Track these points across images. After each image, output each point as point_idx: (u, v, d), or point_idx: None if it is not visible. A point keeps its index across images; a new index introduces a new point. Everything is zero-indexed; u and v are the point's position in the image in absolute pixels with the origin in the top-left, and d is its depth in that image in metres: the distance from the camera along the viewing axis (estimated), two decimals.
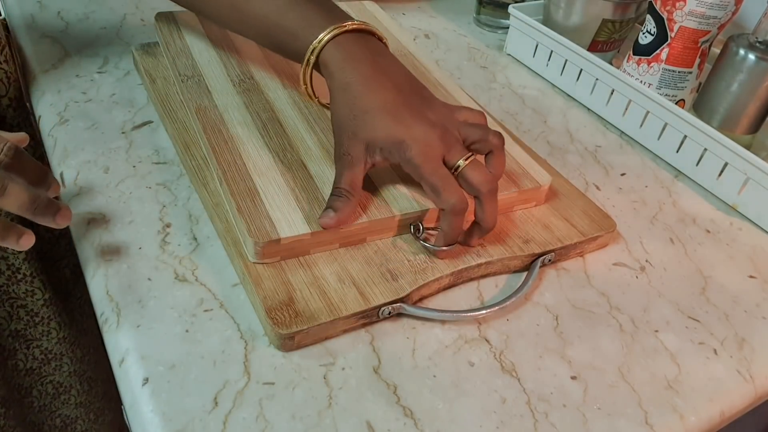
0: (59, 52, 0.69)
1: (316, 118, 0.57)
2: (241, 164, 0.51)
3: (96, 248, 0.49)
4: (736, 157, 0.60)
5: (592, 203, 0.57)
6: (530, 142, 0.67)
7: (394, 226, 0.50)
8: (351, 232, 0.48)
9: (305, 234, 0.46)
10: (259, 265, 0.46)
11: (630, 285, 0.53)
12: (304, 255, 0.47)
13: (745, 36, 0.64)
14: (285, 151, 0.53)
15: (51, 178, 0.45)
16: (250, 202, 0.48)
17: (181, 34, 0.65)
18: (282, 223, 0.46)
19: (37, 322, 0.67)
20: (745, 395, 0.46)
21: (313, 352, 0.44)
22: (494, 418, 0.42)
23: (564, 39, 0.74)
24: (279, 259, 0.47)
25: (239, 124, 0.55)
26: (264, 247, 0.45)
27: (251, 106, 0.57)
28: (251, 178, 0.50)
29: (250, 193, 0.48)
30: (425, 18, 0.88)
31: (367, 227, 0.48)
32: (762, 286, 0.54)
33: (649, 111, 0.67)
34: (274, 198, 0.48)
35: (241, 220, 0.46)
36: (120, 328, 0.44)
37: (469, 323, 0.47)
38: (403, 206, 0.49)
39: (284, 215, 0.47)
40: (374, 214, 0.48)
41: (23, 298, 0.64)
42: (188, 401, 0.40)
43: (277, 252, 0.46)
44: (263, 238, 0.45)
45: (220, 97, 0.58)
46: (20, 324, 0.66)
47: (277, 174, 0.51)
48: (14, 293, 0.63)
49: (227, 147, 0.52)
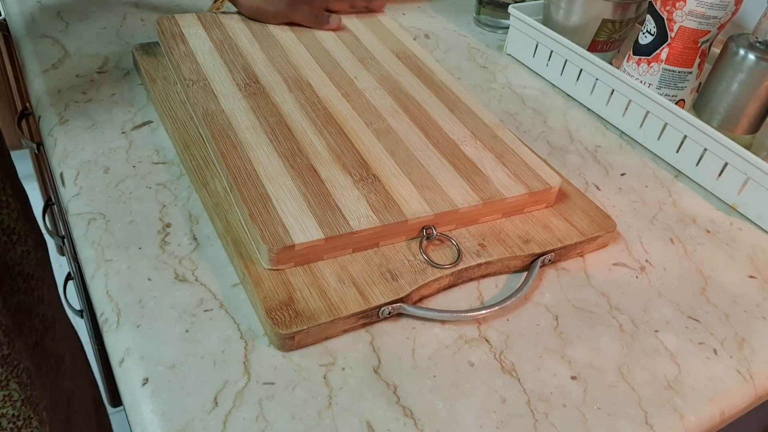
0: (59, 52, 0.69)
1: (324, 122, 0.57)
2: (252, 169, 0.51)
3: (96, 248, 0.49)
4: (736, 157, 0.60)
5: (592, 203, 0.57)
6: (530, 142, 0.67)
7: (406, 230, 0.49)
8: (364, 237, 0.48)
9: (319, 240, 0.46)
10: (259, 265, 0.46)
11: (630, 285, 0.53)
12: (317, 261, 0.47)
13: (745, 36, 0.64)
14: (294, 155, 0.53)
15: None
16: (262, 207, 0.47)
17: (184, 38, 0.65)
18: (295, 229, 0.46)
19: (34, 287, 0.65)
20: (745, 395, 0.46)
21: (313, 352, 0.44)
22: (494, 418, 0.42)
23: (564, 39, 0.74)
24: (292, 265, 0.46)
25: (247, 128, 0.55)
26: (278, 254, 0.45)
27: (258, 110, 0.57)
28: (262, 184, 0.50)
29: (262, 198, 0.48)
30: (425, 18, 0.89)
31: (381, 231, 0.48)
32: (762, 286, 0.54)
33: (649, 111, 0.67)
34: (286, 203, 0.48)
35: (254, 226, 0.46)
36: (120, 328, 0.44)
37: (469, 323, 0.47)
38: (416, 210, 0.49)
39: (297, 221, 0.47)
40: (387, 219, 0.48)
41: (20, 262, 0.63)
42: (188, 401, 0.40)
43: (291, 258, 0.46)
44: (277, 244, 0.45)
45: (227, 101, 0.58)
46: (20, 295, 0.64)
47: (288, 179, 0.50)
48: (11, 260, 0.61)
49: (236, 152, 0.52)
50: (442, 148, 0.56)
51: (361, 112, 0.59)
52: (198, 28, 0.67)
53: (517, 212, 0.54)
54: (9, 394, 0.54)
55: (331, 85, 0.62)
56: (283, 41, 0.68)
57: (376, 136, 0.56)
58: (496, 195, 0.52)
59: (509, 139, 0.58)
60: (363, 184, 0.51)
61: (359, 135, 0.56)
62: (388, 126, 0.58)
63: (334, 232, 0.46)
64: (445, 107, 0.62)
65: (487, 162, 0.55)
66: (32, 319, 0.65)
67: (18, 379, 0.55)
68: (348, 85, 0.63)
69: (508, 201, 0.52)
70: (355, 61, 0.67)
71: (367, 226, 0.47)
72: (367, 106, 0.60)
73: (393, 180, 0.52)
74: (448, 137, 0.58)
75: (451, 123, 0.59)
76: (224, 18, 0.70)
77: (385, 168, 0.53)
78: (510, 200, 0.52)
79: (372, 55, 0.68)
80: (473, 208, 0.51)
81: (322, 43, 0.69)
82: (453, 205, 0.50)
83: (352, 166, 0.53)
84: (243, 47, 0.66)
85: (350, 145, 0.55)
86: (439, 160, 0.55)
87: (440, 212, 0.50)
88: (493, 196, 0.52)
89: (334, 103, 0.60)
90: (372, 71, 0.66)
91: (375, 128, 0.57)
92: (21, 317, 0.63)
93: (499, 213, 0.53)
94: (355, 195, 0.50)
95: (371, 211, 0.49)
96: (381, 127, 0.58)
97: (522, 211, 0.54)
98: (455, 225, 0.52)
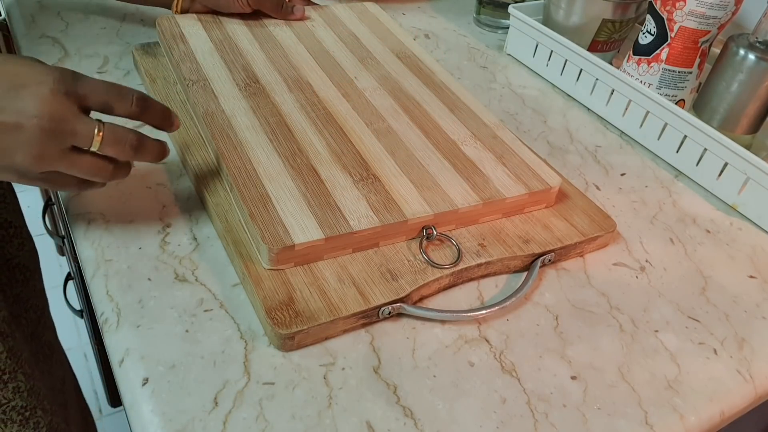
0: (59, 52, 0.69)
1: (324, 122, 0.57)
2: (252, 169, 0.51)
3: (96, 248, 0.49)
4: (736, 157, 0.60)
5: (592, 203, 0.57)
6: (530, 142, 0.67)
7: (406, 230, 0.49)
8: (364, 237, 0.48)
9: (319, 240, 0.46)
10: (259, 265, 0.46)
11: (630, 285, 0.53)
12: (317, 261, 0.47)
13: (745, 36, 0.64)
14: (295, 155, 0.53)
15: (173, 117, 0.47)
16: (262, 207, 0.47)
17: (184, 38, 0.65)
18: (295, 229, 0.46)
19: (29, 278, 0.65)
20: (745, 395, 0.46)
21: (313, 352, 0.44)
22: (494, 418, 0.42)
23: (564, 39, 0.74)
24: (292, 265, 0.46)
25: (247, 128, 0.55)
26: (278, 254, 0.45)
27: (258, 110, 0.57)
28: (262, 184, 0.49)
29: (262, 198, 0.48)
30: (425, 18, 0.89)
31: (381, 232, 0.48)
32: (762, 286, 0.54)
33: (649, 111, 0.67)
34: (286, 204, 0.48)
35: (254, 226, 0.46)
36: (120, 328, 0.44)
37: (469, 323, 0.47)
38: (416, 210, 0.49)
39: (297, 221, 0.47)
40: (387, 219, 0.48)
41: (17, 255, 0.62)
42: (188, 401, 0.40)
43: (291, 258, 0.46)
44: (277, 244, 0.45)
45: (227, 101, 0.58)
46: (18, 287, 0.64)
47: (288, 179, 0.50)
48: (9, 252, 0.61)
49: (236, 152, 0.52)
50: (442, 148, 0.56)
51: (361, 112, 0.59)
52: (198, 28, 0.67)
53: (517, 212, 0.54)
54: (17, 386, 0.55)
55: (331, 86, 0.62)
56: (284, 42, 0.68)
57: (376, 136, 0.56)
58: (496, 195, 0.52)
59: (509, 139, 0.58)
60: (363, 184, 0.51)
61: (359, 135, 0.56)
62: (388, 126, 0.58)
63: (334, 232, 0.46)
64: (445, 107, 0.62)
65: (487, 162, 0.55)
66: (28, 310, 0.65)
67: (23, 370, 0.56)
68: (348, 85, 0.63)
69: (508, 201, 0.52)
70: (355, 61, 0.67)
71: (367, 226, 0.47)
72: (367, 106, 0.60)
73: (393, 180, 0.52)
74: (448, 137, 0.58)
75: (451, 123, 0.59)
76: (224, 18, 0.70)
77: (385, 168, 0.53)
78: (510, 200, 0.52)
79: (372, 55, 0.68)
80: (473, 208, 0.51)
81: (322, 43, 0.69)
82: (453, 205, 0.50)
83: (352, 166, 0.53)
84: (243, 47, 0.66)
85: (350, 145, 0.55)
86: (439, 160, 0.55)
87: (440, 212, 0.50)
88: (493, 196, 0.52)
89: (334, 103, 0.60)
90: (372, 71, 0.66)
91: (375, 128, 0.57)
92: (18, 308, 0.63)
93: (499, 213, 0.53)
94: (355, 195, 0.50)
95: (371, 211, 0.49)
96: (381, 127, 0.58)
97: (522, 211, 0.54)
98: (455, 225, 0.52)
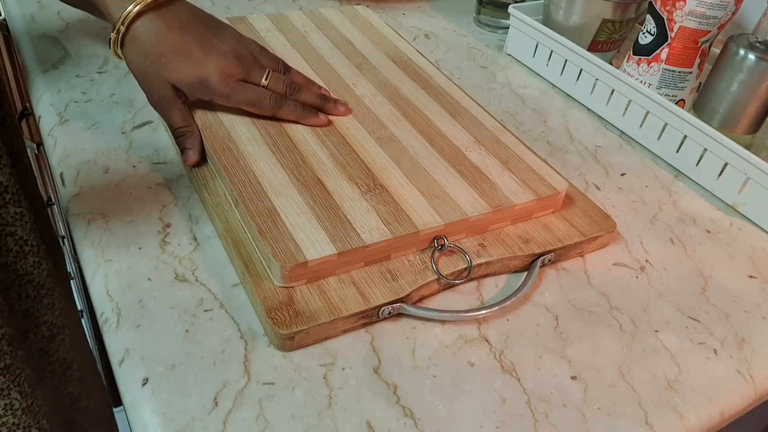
0: (59, 52, 0.69)
1: (325, 131, 0.56)
2: (256, 183, 0.49)
3: (96, 248, 0.49)
4: (736, 157, 0.60)
5: (592, 203, 0.57)
6: (530, 142, 0.67)
7: (418, 241, 0.48)
8: (377, 249, 0.46)
9: (332, 255, 0.45)
10: (259, 265, 0.46)
11: (630, 285, 0.53)
12: (330, 276, 0.46)
13: (745, 36, 0.64)
14: (299, 167, 0.52)
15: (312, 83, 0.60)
16: (271, 223, 0.46)
17: None
18: (307, 245, 0.45)
19: (44, 295, 0.65)
20: (745, 395, 0.46)
21: (313, 352, 0.44)
22: (494, 418, 0.42)
23: (564, 39, 0.74)
24: (305, 282, 0.45)
25: (248, 140, 0.53)
26: (291, 271, 0.44)
27: (257, 120, 0.56)
28: (269, 198, 0.48)
29: (270, 214, 0.47)
30: (425, 18, 0.89)
31: (393, 244, 0.47)
32: (762, 286, 0.54)
33: (649, 111, 0.67)
34: (295, 218, 0.47)
35: (265, 243, 0.45)
36: (120, 328, 0.44)
37: (469, 323, 0.47)
38: (427, 221, 0.48)
39: (308, 236, 0.45)
40: (398, 231, 0.47)
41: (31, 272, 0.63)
42: (188, 401, 0.40)
43: (304, 275, 0.45)
44: (290, 261, 0.43)
45: (224, 112, 0.56)
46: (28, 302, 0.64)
47: (295, 192, 0.49)
48: (22, 269, 0.62)
49: (239, 165, 0.51)
50: (447, 154, 0.55)
51: (362, 120, 0.58)
52: None
53: (525, 218, 0.53)
54: (10, 403, 0.54)
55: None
56: (278, 49, 0.67)
57: (379, 144, 0.55)
58: (505, 202, 0.51)
59: (512, 143, 0.58)
60: (371, 195, 0.50)
61: (362, 144, 0.55)
62: (390, 133, 0.57)
63: (347, 246, 0.45)
64: (446, 112, 0.61)
65: (493, 168, 0.54)
66: (39, 326, 0.66)
67: (19, 388, 0.56)
68: (346, 92, 0.62)
69: (517, 207, 0.51)
70: (351, 68, 0.66)
71: (379, 239, 0.46)
72: (368, 113, 0.59)
73: (401, 190, 0.51)
74: (451, 143, 0.57)
75: (453, 128, 0.59)
76: None
77: (392, 177, 0.52)
78: (519, 207, 0.51)
79: (368, 60, 0.68)
80: (483, 216, 0.50)
81: (317, 49, 0.68)
82: (463, 213, 0.49)
83: (358, 177, 0.51)
84: None
85: (354, 154, 0.54)
86: (445, 167, 0.54)
87: (451, 222, 0.49)
88: (502, 204, 0.51)
89: None
90: (369, 77, 0.65)
91: (377, 136, 0.56)
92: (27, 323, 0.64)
93: (507, 220, 0.52)
94: (364, 207, 0.49)
95: (382, 223, 0.47)
96: (383, 134, 0.57)
97: (530, 218, 0.53)
98: (465, 234, 0.51)
